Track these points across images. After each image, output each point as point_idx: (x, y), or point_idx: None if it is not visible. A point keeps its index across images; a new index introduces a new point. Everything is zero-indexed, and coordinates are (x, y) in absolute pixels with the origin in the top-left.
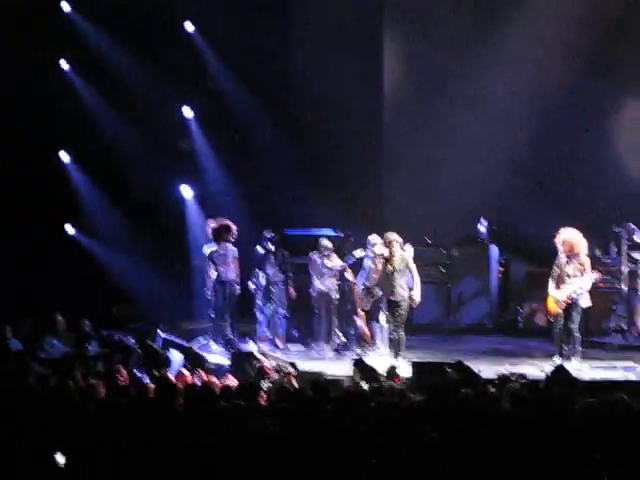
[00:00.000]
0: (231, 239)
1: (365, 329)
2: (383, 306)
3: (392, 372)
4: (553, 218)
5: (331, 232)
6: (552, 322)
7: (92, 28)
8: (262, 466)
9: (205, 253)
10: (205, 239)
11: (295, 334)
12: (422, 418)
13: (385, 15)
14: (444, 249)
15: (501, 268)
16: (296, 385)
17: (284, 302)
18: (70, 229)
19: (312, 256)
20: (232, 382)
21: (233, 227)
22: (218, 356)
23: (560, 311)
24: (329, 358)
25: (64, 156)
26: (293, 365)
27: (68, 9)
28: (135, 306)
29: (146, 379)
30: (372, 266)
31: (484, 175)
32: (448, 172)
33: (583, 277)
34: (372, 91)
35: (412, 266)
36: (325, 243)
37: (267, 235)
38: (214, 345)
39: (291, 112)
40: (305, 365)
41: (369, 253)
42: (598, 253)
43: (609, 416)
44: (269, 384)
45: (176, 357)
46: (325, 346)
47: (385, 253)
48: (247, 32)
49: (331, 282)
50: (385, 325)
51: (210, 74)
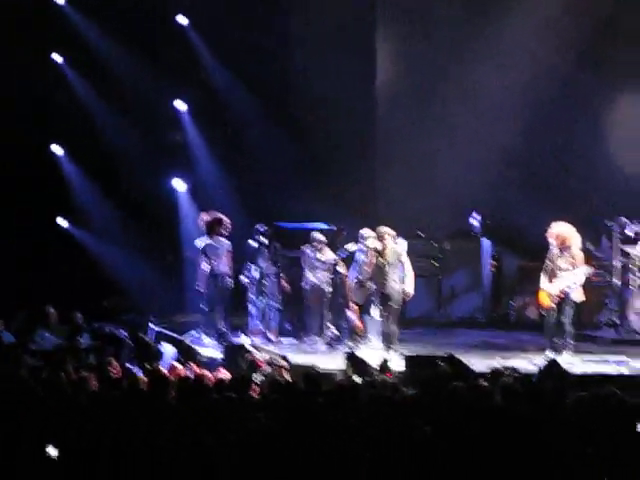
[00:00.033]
0: (224, 232)
1: (357, 322)
2: (376, 299)
3: (384, 366)
4: (546, 211)
5: (324, 225)
6: (544, 316)
7: (85, 21)
8: (254, 458)
9: (197, 246)
10: (197, 232)
11: (288, 327)
12: (414, 411)
13: (378, 12)
14: (437, 242)
15: (493, 262)
16: (288, 378)
17: (277, 295)
18: (62, 222)
19: (305, 249)
20: (224, 375)
21: (226, 220)
22: (210, 349)
23: (553, 305)
24: (321, 351)
25: (56, 149)
26: (285, 358)
27: (61, 1)
28: (127, 298)
29: (138, 372)
30: (365, 259)
31: (477, 168)
32: (441, 165)
33: (576, 271)
34: (366, 86)
35: (405, 259)
36: (318, 236)
37: (260, 228)
38: (206, 338)
39: (285, 106)
40: (297, 358)
41: (362, 247)
42: (590, 247)
43: (601, 410)
44: (261, 377)
45: (168, 350)
46: (317, 339)
47: (378, 246)
48: (239, 24)
49: (324, 275)
50: (378, 318)
51: (203, 67)
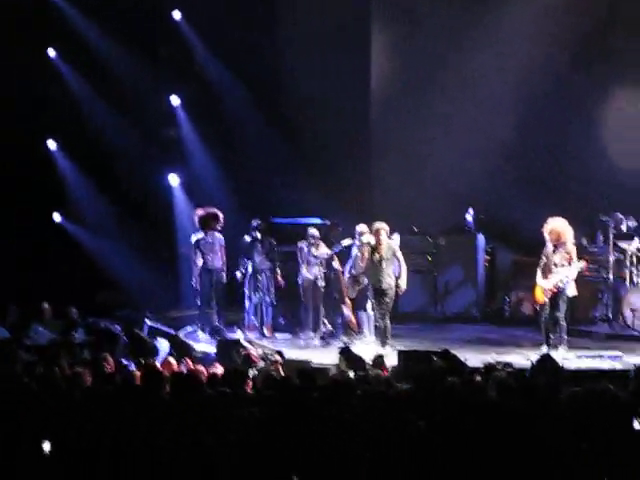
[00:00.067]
0: (218, 227)
1: (352, 317)
2: (370, 294)
3: (379, 361)
4: (540, 206)
5: (318, 220)
6: (539, 311)
7: (79, 16)
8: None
9: (192, 241)
10: (192, 227)
11: (282, 322)
12: (409, 407)
13: (373, 1)
14: (431, 238)
15: (488, 257)
16: (283, 373)
17: (271, 290)
18: (57, 217)
19: (299, 244)
20: (219, 370)
21: (220, 215)
22: (205, 344)
23: (546, 300)
24: (316, 346)
25: (51, 144)
26: (280, 353)
27: None
28: (122, 294)
29: (132, 367)
30: (359, 254)
31: (472, 163)
32: (436, 160)
33: (570, 266)
34: (361, 79)
35: (399, 254)
36: (312, 231)
37: (254, 224)
38: (201, 333)
39: (279, 101)
40: (292, 353)
41: (356, 242)
42: (585, 242)
43: (595, 405)
44: (256, 372)
45: (163, 345)
46: (312, 334)
47: (372, 242)
48: (232, 21)
49: (318, 270)
50: (372, 313)
51: (198, 63)
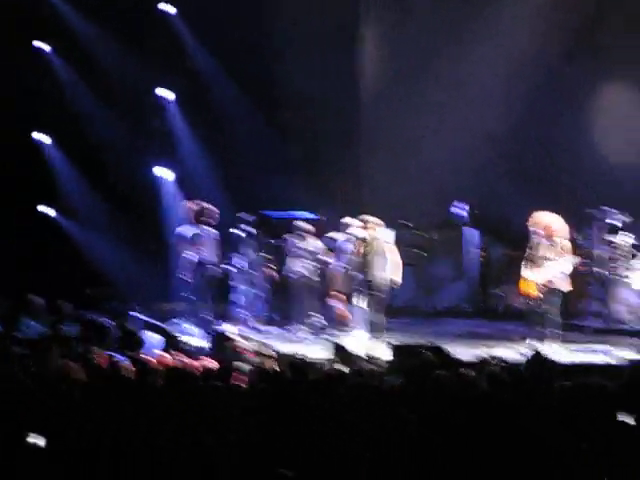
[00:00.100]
0: (210, 221)
1: (344, 312)
2: (362, 289)
3: (371, 355)
4: (532, 200)
5: (309, 214)
6: (531, 305)
7: (68, 8)
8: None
9: (182, 234)
10: (182, 220)
11: (274, 316)
12: (401, 401)
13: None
14: (424, 232)
15: (480, 251)
16: (275, 367)
17: (262, 284)
18: (47, 210)
19: (290, 239)
20: (211, 364)
21: (212, 209)
22: (197, 338)
23: (539, 294)
24: (308, 340)
25: (41, 137)
26: (272, 347)
27: None
28: (112, 287)
29: (123, 360)
30: (351, 249)
31: (463, 157)
32: (428, 154)
33: (564, 260)
34: (350, 73)
35: (392, 249)
36: (303, 225)
37: (245, 217)
38: (193, 327)
39: (269, 95)
40: (284, 347)
41: (348, 236)
42: (575, 236)
43: (586, 399)
44: (248, 366)
45: (154, 339)
46: (304, 328)
47: (365, 236)
48: (222, 14)
49: (310, 265)
50: (364, 308)
51: (189, 55)
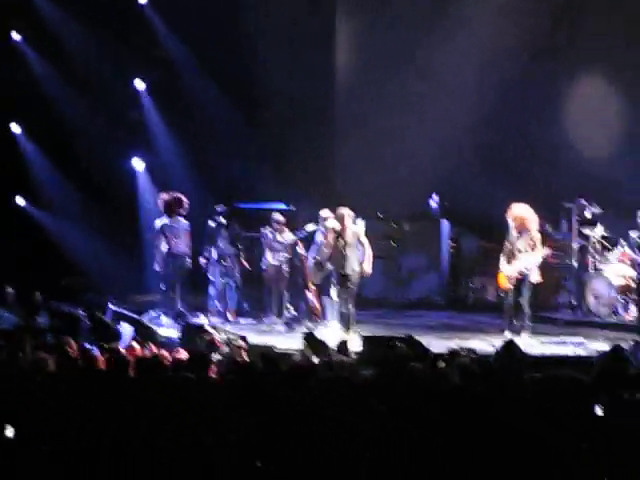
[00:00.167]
0: (182, 212)
1: (316, 303)
2: (334, 280)
3: (343, 347)
4: (505, 192)
5: (283, 206)
6: (502, 297)
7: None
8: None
9: (156, 226)
10: (156, 212)
11: (246, 308)
12: (372, 392)
13: None
14: (395, 223)
15: (452, 243)
16: (246, 358)
17: (235, 275)
18: (20, 200)
19: (264, 230)
20: (183, 355)
21: (184, 200)
22: (168, 329)
23: (510, 286)
24: (280, 332)
25: (15, 127)
26: (244, 338)
27: None
28: (85, 278)
29: (96, 351)
30: (324, 240)
31: (437, 149)
32: (400, 146)
33: (534, 252)
34: (324, 63)
35: (364, 240)
36: (277, 217)
37: (218, 209)
38: (164, 318)
39: (243, 86)
40: (256, 339)
41: (321, 227)
42: (549, 228)
43: (558, 390)
44: (219, 357)
45: (126, 330)
46: (276, 320)
47: (337, 227)
48: (198, 6)
49: (282, 256)
50: (336, 299)
51: (162, 46)
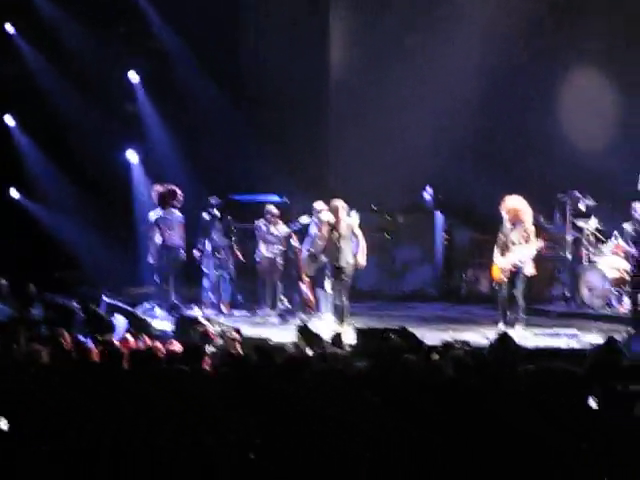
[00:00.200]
0: (176, 204)
1: (310, 295)
2: (328, 272)
3: (337, 339)
4: (499, 185)
5: (277, 198)
6: (496, 289)
7: None
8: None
9: (150, 218)
10: (151, 204)
11: (240, 300)
12: (365, 384)
13: None
14: (389, 215)
15: (446, 235)
16: (240, 350)
17: (230, 268)
18: (14, 193)
19: (257, 222)
20: (177, 347)
21: (178, 192)
22: (162, 321)
23: (504, 278)
24: (273, 324)
25: (9, 120)
26: (237, 331)
27: None
28: (80, 270)
29: (90, 344)
30: (317, 232)
31: (431, 141)
32: (395, 138)
33: (528, 245)
34: (320, 56)
35: (358, 232)
36: (271, 209)
37: (213, 201)
38: (158, 310)
39: (238, 78)
40: (249, 331)
41: (315, 219)
42: (542, 221)
43: (552, 382)
44: (213, 349)
45: (120, 322)
46: (270, 312)
47: (331, 219)
48: None
49: (276, 248)
50: (330, 291)
51: (156, 37)
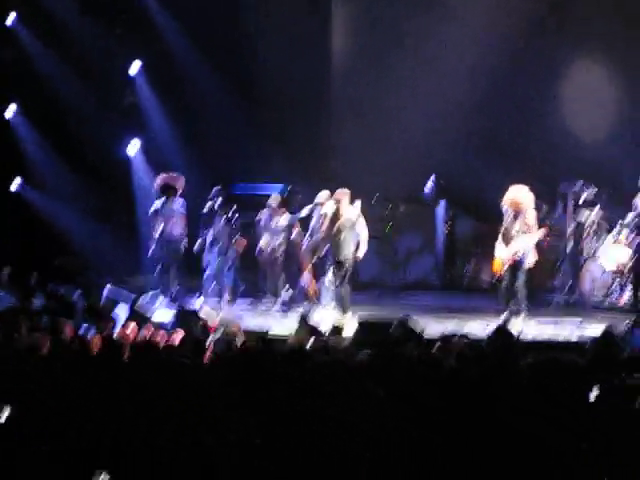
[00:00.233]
0: (178, 194)
1: (312, 286)
2: (330, 263)
3: (338, 329)
4: (502, 175)
5: (279, 188)
6: (498, 279)
7: None
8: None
9: (152, 209)
10: (152, 193)
11: (242, 290)
12: (367, 375)
13: None
14: (391, 205)
15: (448, 224)
16: (241, 340)
17: (232, 258)
18: (16, 182)
19: (260, 213)
20: (177, 338)
21: (181, 182)
22: (163, 312)
23: (506, 268)
24: (276, 313)
25: (10, 109)
26: (239, 321)
27: None
28: (81, 260)
29: (90, 334)
30: (320, 223)
31: (434, 130)
32: (398, 127)
33: (529, 235)
34: (321, 45)
35: (360, 222)
36: (273, 200)
37: (215, 191)
38: (160, 300)
39: (239, 67)
40: (251, 321)
41: (317, 210)
42: (544, 211)
43: (553, 373)
44: (214, 339)
45: (121, 312)
46: (272, 302)
47: (333, 210)
48: None
49: (279, 238)
50: (332, 282)
51: (157, 28)
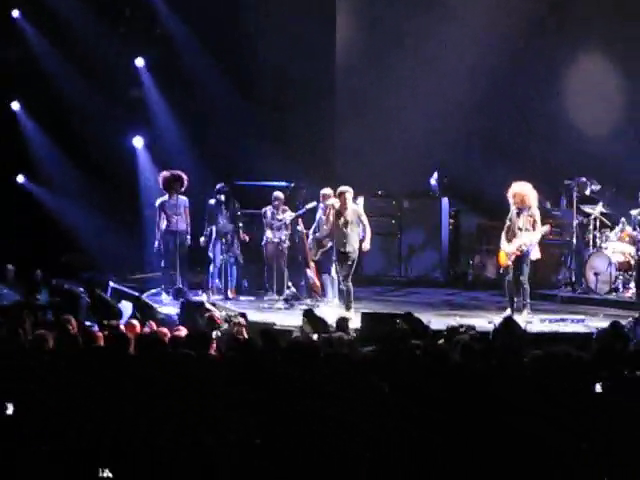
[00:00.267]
0: (182, 190)
1: (316, 280)
2: (334, 258)
3: (342, 324)
4: (506, 170)
5: (283, 184)
6: (502, 274)
7: None
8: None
9: (156, 204)
10: (157, 189)
11: (246, 285)
12: (372, 369)
13: None
14: (395, 200)
15: (451, 220)
16: (246, 335)
17: (236, 253)
18: (21, 178)
19: (264, 208)
20: (182, 332)
21: (184, 177)
22: (168, 306)
23: (510, 264)
24: (280, 309)
25: (15, 105)
26: (243, 315)
27: None
28: (86, 255)
29: (96, 329)
30: (323, 218)
31: (437, 126)
32: (401, 124)
33: (534, 230)
34: (325, 43)
35: (364, 218)
36: (277, 195)
37: (219, 187)
38: (164, 295)
39: (243, 64)
40: (255, 316)
41: (321, 205)
42: (549, 206)
43: (558, 367)
44: (219, 334)
45: (126, 307)
46: (276, 297)
47: (337, 205)
48: None
49: (283, 234)
50: (336, 277)
51: (162, 23)
